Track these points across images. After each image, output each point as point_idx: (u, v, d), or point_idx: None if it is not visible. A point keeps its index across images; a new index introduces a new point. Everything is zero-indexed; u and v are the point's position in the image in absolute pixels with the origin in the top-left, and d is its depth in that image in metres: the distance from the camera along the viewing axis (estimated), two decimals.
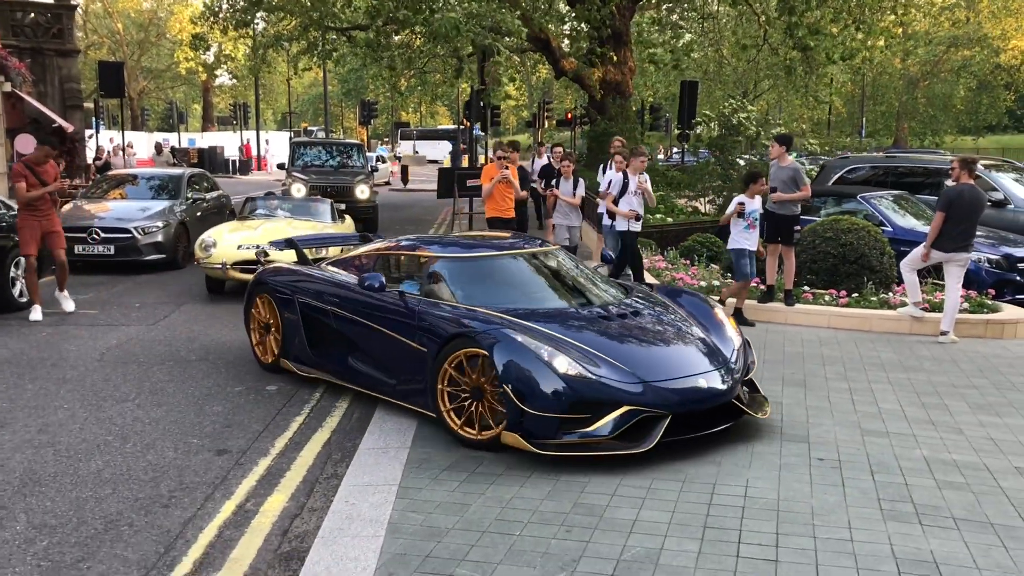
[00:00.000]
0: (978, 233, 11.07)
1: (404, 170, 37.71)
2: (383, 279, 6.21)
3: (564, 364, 5.23)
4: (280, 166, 21.25)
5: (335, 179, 18.76)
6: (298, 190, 17.68)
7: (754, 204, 9.41)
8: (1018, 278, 10.67)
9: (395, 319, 6.09)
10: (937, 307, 9.38)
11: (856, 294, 9.91)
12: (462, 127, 30.30)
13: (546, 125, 39.88)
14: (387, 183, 37.28)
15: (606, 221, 10.63)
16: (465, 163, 26.74)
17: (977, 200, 8.87)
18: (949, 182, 9.41)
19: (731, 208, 9.44)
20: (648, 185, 10.56)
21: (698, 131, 18.87)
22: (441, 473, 5.10)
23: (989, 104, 50.55)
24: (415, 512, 4.55)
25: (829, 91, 43.10)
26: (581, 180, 11.59)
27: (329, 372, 6.81)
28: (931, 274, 10.24)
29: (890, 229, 11.53)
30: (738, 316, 9.44)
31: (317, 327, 6.90)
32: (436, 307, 5.99)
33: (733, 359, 5.91)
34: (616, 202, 10.34)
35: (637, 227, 10.48)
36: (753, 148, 17.29)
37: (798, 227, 10.15)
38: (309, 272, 7.28)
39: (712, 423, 5.52)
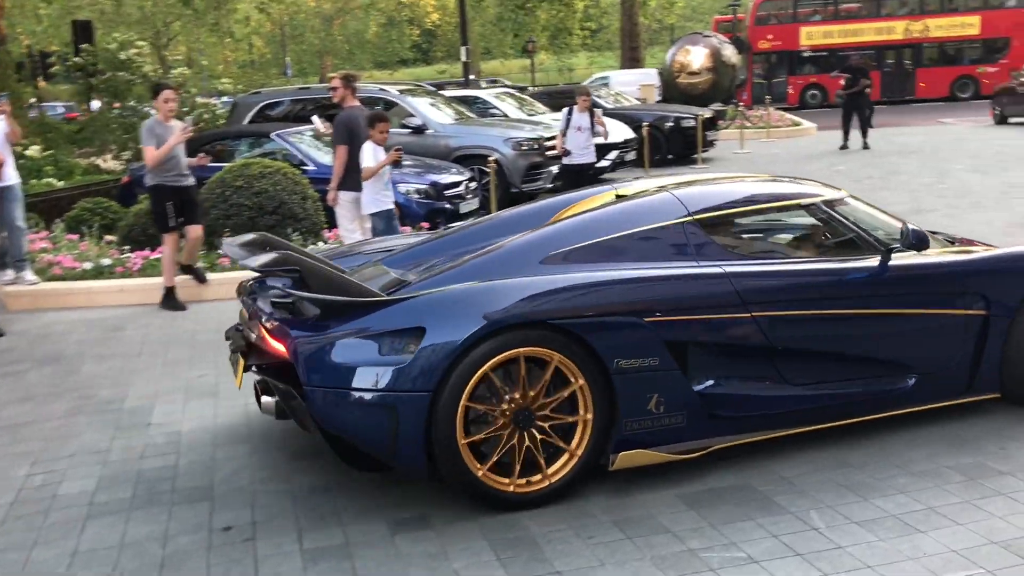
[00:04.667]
0: (405, 162, 10.37)
1: None
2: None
3: None
4: None
5: None
6: None
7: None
8: (448, 206, 10.15)
9: (915, 288, 4.38)
10: None
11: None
12: None
13: None
14: None
15: None
16: None
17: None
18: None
19: (383, 159, 7.22)
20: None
21: (77, 75, 15.55)
22: None
23: (398, 38, 53.93)
24: None
25: (246, 30, 41.75)
26: None
27: (751, 427, 4.02)
28: None
29: (313, 168, 10.22)
30: None
31: (710, 361, 4.00)
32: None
33: None
34: None
35: None
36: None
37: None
38: (626, 276, 3.91)
39: None
